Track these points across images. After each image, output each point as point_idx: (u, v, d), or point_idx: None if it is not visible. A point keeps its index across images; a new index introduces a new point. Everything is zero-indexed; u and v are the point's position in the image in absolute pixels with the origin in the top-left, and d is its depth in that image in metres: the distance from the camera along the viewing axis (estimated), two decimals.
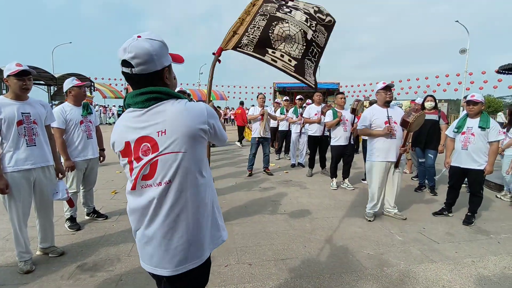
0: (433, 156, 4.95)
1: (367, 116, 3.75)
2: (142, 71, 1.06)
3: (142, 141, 1.07)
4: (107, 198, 4.43)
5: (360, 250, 2.94)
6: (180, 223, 1.09)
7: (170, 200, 1.07)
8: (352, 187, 5.24)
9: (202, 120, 1.09)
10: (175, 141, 1.04)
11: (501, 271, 2.60)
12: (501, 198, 4.78)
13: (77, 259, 2.68)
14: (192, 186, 1.09)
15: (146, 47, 1.04)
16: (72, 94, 3.20)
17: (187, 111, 1.07)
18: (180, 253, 1.10)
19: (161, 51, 1.09)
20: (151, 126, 1.06)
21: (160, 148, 1.05)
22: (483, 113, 3.63)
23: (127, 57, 1.04)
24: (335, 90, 13.17)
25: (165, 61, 1.12)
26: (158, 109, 1.07)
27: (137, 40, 1.05)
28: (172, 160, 1.05)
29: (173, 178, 1.06)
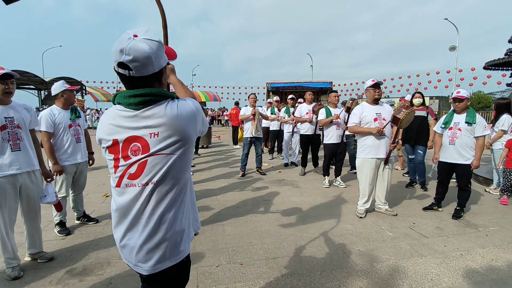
0: (422, 152, 5.01)
1: (356, 114, 3.79)
2: (140, 73, 1.04)
3: (133, 141, 1.06)
4: (98, 202, 4.39)
5: (351, 247, 2.96)
6: (162, 222, 1.09)
7: (154, 201, 1.07)
8: (345, 184, 5.28)
9: (195, 122, 1.10)
10: (168, 144, 1.05)
11: (488, 263, 2.64)
12: (490, 192, 4.86)
13: (66, 264, 2.65)
14: (176, 187, 1.10)
15: (145, 49, 1.01)
16: (65, 97, 3.18)
17: (181, 115, 1.06)
18: (160, 251, 1.10)
19: (159, 53, 1.06)
20: (144, 128, 1.05)
21: (152, 149, 1.05)
22: (469, 109, 3.69)
23: (125, 59, 1.00)
24: (328, 89, 13.25)
25: (162, 62, 1.10)
26: (152, 112, 1.05)
27: (135, 41, 1.01)
28: (163, 162, 1.05)
29: (160, 179, 1.06)
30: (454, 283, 2.33)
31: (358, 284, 2.32)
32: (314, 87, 13.67)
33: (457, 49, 23.03)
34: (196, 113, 1.11)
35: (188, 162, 1.16)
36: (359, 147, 3.83)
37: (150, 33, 1.05)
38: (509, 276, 2.42)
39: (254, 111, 6.03)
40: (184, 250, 1.17)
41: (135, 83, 1.06)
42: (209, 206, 4.22)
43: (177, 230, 1.13)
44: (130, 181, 1.08)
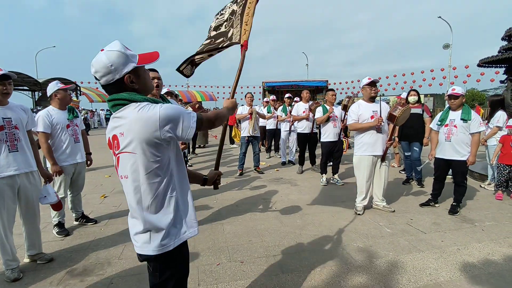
0: (418, 149, 5.07)
1: (354, 111, 3.82)
2: (106, 82, 1.19)
3: (114, 138, 1.22)
4: (96, 203, 4.37)
5: (350, 243, 2.99)
6: (139, 212, 1.24)
7: (130, 193, 1.23)
8: (342, 182, 5.31)
9: (152, 128, 1.14)
10: (129, 143, 1.16)
11: (485, 257, 2.68)
12: (485, 188, 4.92)
13: (66, 264, 2.65)
14: (145, 183, 1.20)
15: (103, 60, 1.15)
16: (58, 97, 3.14)
17: (139, 119, 1.14)
18: (142, 238, 1.25)
19: (118, 61, 1.17)
20: (116, 128, 1.20)
21: (121, 147, 1.19)
22: (464, 106, 3.74)
23: (92, 72, 1.19)
24: (324, 88, 13.31)
25: (125, 69, 1.19)
26: (120, 114, 1.19)
27: (98, 54, 1.18)
28: (128, 158, 1.19)
29: (128, 174, 1.20)
30: (452, 277, 2.37)
31: (358, 280, 2.35)
32: (310, 86, 13.70)
33: (451, 47, 23.24)
34: (161, 118, 1.14)
35: (156, 163, 1.20)
36: (356, 145, 3.86)
37: (114, 44, 1.20)
38: (505, 270, 2.47)
39: (251, 110, 6.04)
40: (167, 245, 1.25)
41: (108, 90, 1.23)
42: (208, 205, 4.22)
43: (153, 223, 1.23)
44: (119, 173, 1.26)
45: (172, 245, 1.26)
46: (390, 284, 2.28)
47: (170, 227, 1.25)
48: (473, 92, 38.90)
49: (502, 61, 5.50)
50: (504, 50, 5.42)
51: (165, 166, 1.23)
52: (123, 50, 1.18)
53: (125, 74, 1.19)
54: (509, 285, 2.25)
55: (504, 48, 5.43)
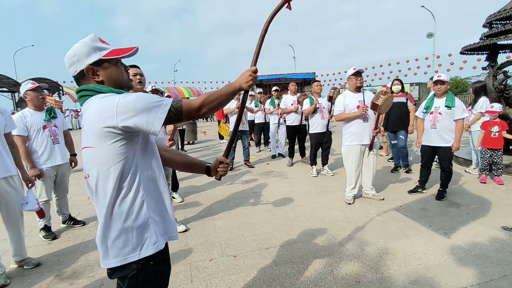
0: (404, 137, 5.16)
1: (340, 102, 3.84)
2: (72, 74, 1.17)
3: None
4: (84, 204, 4.28)
5: (341, 233, 3.02)
6: (100, 216, 1.11)
7: (92, 193, 1.13)
8: (332, 172, 5.36)
9: (108, 115, 1.01)
10: (87, 136, 1.08)
11: (471, 239, 2.76)
12: (469, 172, 5.06)
13: (54, 268, 2.58)
14: (104, 183, 1.07)
15: (69, 51, 1.14)
16: (29, 99, 2.99)
17: (96, 107, 1.05)
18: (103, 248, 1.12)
19: (80, 51, 1.12)
20: (83, 121, 1.15)
21: (82, 143, 1.12)
22: (448, 93, 3.81)
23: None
24: (311, 80, 13.33)
25: (87, 60, 1.13)
26: (85, 106, 1.12)
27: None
28: (87, 155, 1.10)
29: (90, 172, 1.11)
30: (440, 260, 2.43)
31: (350, 268, 2.38)
32: (298, 78, 13.73)
33: (435, 36, 23.61)
34: (116, 110, 1.01)
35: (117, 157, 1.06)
36: (344, 135, 3.89)
37: (87, 37, 1.15)
38: (490, 250, 2.55)
39: (239, 104, 5.99)
40: (133, 253, 1.09)
41: (76, 82, 1.19)
42: (198, 201, 4.19)
43: (107, 231, 1.09)
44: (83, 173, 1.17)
45: (136, 257, 1.09)
46: (381, 270, 2.33)
47: (134, 236, 1.09)
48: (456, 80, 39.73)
49: (484, 48, 5.60)
50: (486, 37, 5.52)
51: (127, 163, 1.08)
52: (89, 41, 1.14)
53: (87, 65, 1.13)
54: (495, 265, 2.32)
55: (486, 35, 5.53)
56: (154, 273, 1.16)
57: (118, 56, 1.16)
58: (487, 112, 4.53)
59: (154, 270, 1.15)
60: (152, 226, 1.14)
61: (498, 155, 4.41)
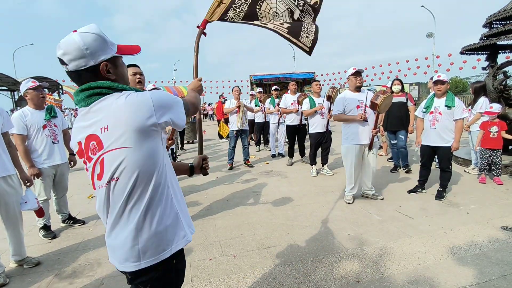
0: (403, 137, 5.16)
1: (340, 102, 3.84)
2: (76, 67, 1.02)
3: (90, 139, 1.03)
4: (83, 203, 4.28)
5: (341, 232, 3.02)
6: (131, 220, 1.04)
7: (122, 199, 1.03)
8: (332, 172, 5.36)
9: (147, 114, 0.99)
10: (119, 137, 0.98)
11: (470, 239, 2.77)
12: (469, 172, 5.06)
13: (54, 267, 2.58)
14: (142, 183, 1.03)
15: (76, 41, 0.99)
16: (28, 98, 2.98)
17: (128, 104, 0.98)
18: (135, 251, 1.05)
19: (95, 45, 1.02)
20: (95, 124, 1.01)
21: (105, 145, 1.00)
22: (448, 93, 3.81)
23: (58, 54, 1.01)
24: (311, 80, 13.32)
25: (102, 55, 1.04)
26: (100, 105, 1.01)
27: (69, 35, 1.01)
28: (117, 156, 0.99)
29: (120, 175, 1.01)
30: (439, 260, 2.43)
31: (349, 268, 2.39)
32: (297, 78, 13.70)
33: (434, 36, 23.62)
34: (154, 104, 1.00)
35: (154, 155, 1.05)
36: (344, 135, 3.89)
37: (90, 27, 1.04)
38: (490, 250, 2.55)
39: (239, 103, 6.00)
40: (167, 249, 1.09)
41: (79, 79, 1.04)
42: (198, 200, 4.19)
43: (157, 229, 1.06)
44: (99, 181, 1.05)
45: (172, 250, 1.10)
46: (381, 270, 2.33)
47: (167, 230, 1.09)
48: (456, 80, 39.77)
49: (484, 48, 5.61)
50: (486, 37, 5.52)
51: (159, 159, 1.07)
52: (102, 34, 1.04)
53: (102, 61, 1.04)
54: (494, 265, 2.33)
55: (486, 35, 5.54)
56: (176, 271, 1.16)
57: (127, 55, 1.14)
58: (486, 112, 4.54)
59: (176, 268, 1.16)
60: (180, 220, 1.14)
61: (497, 155, 4.41)
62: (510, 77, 5.35)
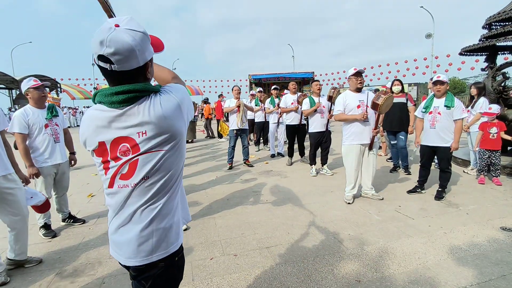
0: (403, 137, 5.18)
1: (340, 102, 3.85)
2: (123, 68, 0.97)
3: (121, 141, 1.02)
4: (84, 202, 4.27)
5: (341, 232, 3.03)
6: (154, 217, 1.07)
7: (147, 196, 1.05)
8: (331, 172, 5.38)
9: (181, 115, 1.05)
10: (158, 142, 1.01)
11: (470, 239, 2.78)
12: (468, 173, 5.09)
13: (55, 266, 2.58)
14: (169, 181, 1.08)
15: (128, 41, 0.93)
16: (30, 97, 2.97)
17: (165, 113, 1.00)
18: (149, 245, 1.08)
19: (144, 45, 0.99)
20: (131, 127, 1.00)
21: (142, 148, 1.01)
22: (448, 93, 3.83)
23: (105, 52, 0.92)
24: (310, 79, 13.34)
25: (148, 55, 1.02)
26: (137, 109, 1.00)
27: (116, 31, 0.93)
28: (155, 158, 1.02)
29: (152, 175, 1.04)
30: (439, 260, 2.45)
31: (350, 267, 2.40)
32: (296, 77, 13.71)
33: (433, 37, 23.68)
34: (180, 105, 1.05)
35: (182, 154, 1.12)
36: (344, 135, 3.90)
37: (133, 23, 0.97)
38: (489, 251, 2.57)
39: (239, 102, 6.00)
40: (175, 243, 1.14)
41: (118, 78, 0.99)
42: (198, 200, 4.20)
43: (169, 223, 1.11)
44: (123, 181, 1.05)
45: (179, 242, 1.17)
46: (381, 270, 2.34)
47: (177, 223, 1.15)
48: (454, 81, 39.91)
49: (483, 49, 5.63)
50: (485, 38, 5.54)
51: (184, 159, 1.15)
52: (147, 32, 1.01)
53: (147, 61, 1.02)
54: (493, 265, 2.35)
55: (485, 37, 5.56)
56: (178, 267, 1.21)
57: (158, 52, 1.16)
58: (485, 113, 4.56)
59: (178, 264, 1.20)
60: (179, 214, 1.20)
61: (496, 156, 4.44)
62: (509, 78, 5.38)
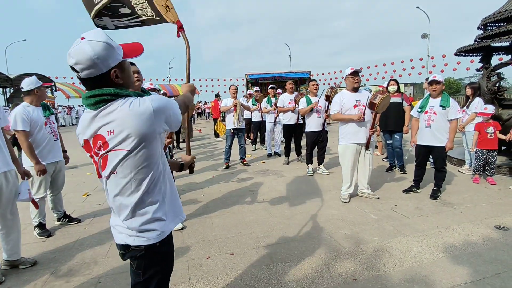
0: (399, 137, 5.21)
1: (337, 101, 3.86)
2: (88, 75, 1.08)
3: (97, 138, 1.14)
4: (79, 201, 4.24)
5: (338, 231, 3.04)
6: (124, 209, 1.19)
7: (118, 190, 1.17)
8: (328, 171, 5.39)
9: (148, 122, 1.09)
10: (121, 140, 1.09)
11: (465, 238, 2.81)
12: (463, 172, 5.14)
13: (50, 266, 2.56)
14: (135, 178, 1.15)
15: (87, 51, 1.04)
16: (39, 94, 3.03)
17: (131, 114, 1.07)
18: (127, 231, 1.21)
19: (105, 53, 1.07)
20: (102, 126, 1.11)
21: (110, 145, 1.11)
22: (443, 93, 3.86)
23: (70, 63, 1.07)
24: (307, 79, 13.36)
25: (111, 62, 1.10)
26: (106, 111, 1.10)
27: (80, 43, 1.05)
28: (120, 156, 1.11)
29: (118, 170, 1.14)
30: (434, 259, 2.47)
31: (346, 266, 2.41)
32: (293, 77, 13.73)
33: (429, 37, 23.83)
34: (154, 112, 1.10)
35: (152, 158, 1.16)
36: (341, 134, 3.92)
37: (99, 34, 1.09)
38: (483, 249, 2.59)
39: (236, 101, 5.99)
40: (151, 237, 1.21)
41: (89, 84, 1.11)
42: (195, 199, 4.19)
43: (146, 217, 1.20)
44: (101, 173, 1.20)
45: (158, 239, 1.22)
46: (377, 268, 2.35)
47: (156, 220, 1.22)
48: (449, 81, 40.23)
49: (478, 49, 5.68)
50: (480, 39, 5.59)
51: (154, 159, 1.18)
52: (110, 41, 1.10)
53: (111, 68, 1.10)
54: (488, 263, 2.37)
55: (480, 37, 5.61)
56: (161, 254, 1.27)
57: (133, 58, 1.18)
58: (480, 114, 4.60)
59: (161, 251, 1.26)
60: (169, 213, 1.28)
61: (493, 156, 4.48)
62: (503, 79, 5.43)
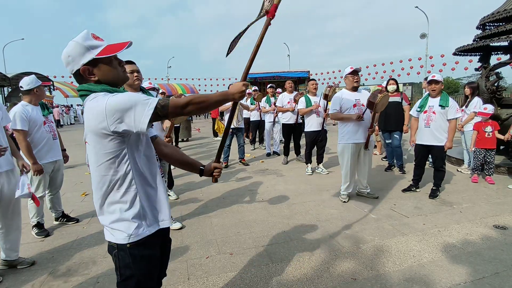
0: (398, 136, 5.22)
1: (337, 101, 3.85)
2: (70, 72, 1.20)
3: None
4: (77, 201, 4.22)
5: (337, 230, 3.04)
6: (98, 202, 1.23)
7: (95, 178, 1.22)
8: (327, 171, 5.39)
9: (99, 119, 1.08)
10: (86, 134, 1.17)
11: (464, 237, 2.81)
12: (461, 172, 5.15)
13: (48, 266, 2.54)
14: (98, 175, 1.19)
15: (64, 51, 1.17)
16: (38, 93, 3.02)
17: (88, 109, 1.14)
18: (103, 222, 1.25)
19: (74, 51, 1.15)
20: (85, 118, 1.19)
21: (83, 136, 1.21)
22: (443, 93, 3.86)
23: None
24: (305, 79, 13.38)
25: (82, 60, 1.16)
26: (84, 105, 1.19)
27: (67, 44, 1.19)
28: (88, 149, 1.20)
29: (89, 162, 1.21)
30: (434, 258, 2.47)
31: (345, 265, 2.40)
32: (292, 76, 13.74)
33: (428, 37, 23.85)
34: (106, 108, 1.05)
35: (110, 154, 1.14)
36: (340, 133, 3.91)
37: (80, 34, 1.17)
38: (483, 248, 2.60)
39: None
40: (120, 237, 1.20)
41: (76, 80, 1.23)
42: (194, 199, 4.18)
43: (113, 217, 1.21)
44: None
45: (126, 240, 1.19)
46: (377, 268, 2.35)
47: (125, 221, 1.19)
48: (448, 81, 40.30)
49: (477, 49, 5.69)
50: (479, 39, 5.60)
51: (118, 158, 1.16)
52: (82, 40, 1.16)
53: (82, 65, 1.16)
54: (487, 262, 2.37)
55: (479, 37, 5.62)
56: (133, 256, 1.21)
57: (111, 54, 1.18)
58: (480, 113, 4.60)
59: (133, 254, 1.21)
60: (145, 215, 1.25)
61: (491, 155, 4.49)
62: (502, 78, 5.44)
